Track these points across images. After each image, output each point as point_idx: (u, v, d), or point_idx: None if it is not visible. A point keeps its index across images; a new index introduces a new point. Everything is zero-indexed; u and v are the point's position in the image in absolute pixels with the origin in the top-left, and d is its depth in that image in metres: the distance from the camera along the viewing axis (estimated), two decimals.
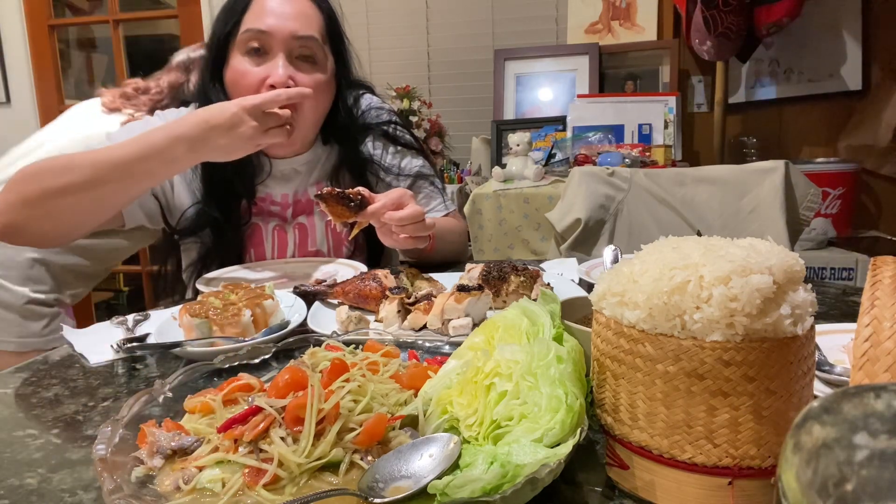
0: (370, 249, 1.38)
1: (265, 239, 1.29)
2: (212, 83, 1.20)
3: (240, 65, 1.15)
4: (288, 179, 1.30)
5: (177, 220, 1.25)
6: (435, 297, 0.86)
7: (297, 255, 1.31)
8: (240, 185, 1.23)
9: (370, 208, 1.03)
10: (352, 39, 1.30)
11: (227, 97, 1.16)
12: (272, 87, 1.10)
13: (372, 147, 1.35)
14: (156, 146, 1.00)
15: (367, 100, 1.36)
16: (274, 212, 1.30)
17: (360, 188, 1.05)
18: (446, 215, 1.39)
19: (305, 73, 1.15)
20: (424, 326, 0.85)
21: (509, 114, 2.86)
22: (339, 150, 1.31)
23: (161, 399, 0.58)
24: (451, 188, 2.72)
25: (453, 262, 1.34)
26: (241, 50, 1.15)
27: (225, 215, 1.23)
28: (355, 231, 1.11)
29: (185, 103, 1.31)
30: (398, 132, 1.37)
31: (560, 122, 2.63)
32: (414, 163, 1.38)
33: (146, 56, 3.93)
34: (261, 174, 1.27)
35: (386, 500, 0.44)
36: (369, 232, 1.36)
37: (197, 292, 1.07)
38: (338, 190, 1.03)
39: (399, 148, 1.37)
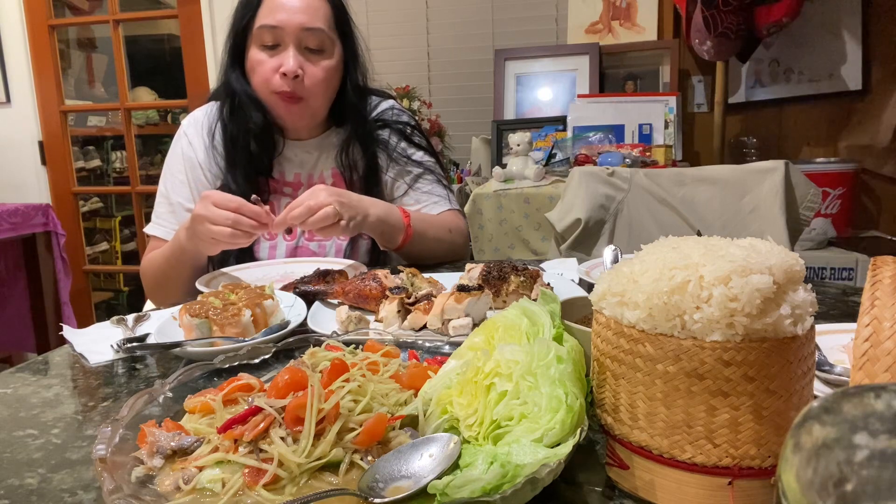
0: (372, 248, 1.39)
1: (277, 214, 1.36)
2: (232, 70, 1.32)
3: (256, 55, 1.27)
4: (301, 161, 1.39)
5: None
6: (435, 297, 0.86)
7: (306, 232, 1.37)
8: (261, 158, 1.33)
9: (275, 219, 1.10)
10: None
11: (247, 82, 1.30)
12: (284, 74, 1.23)
13: (388, 136, 1.42)
14: (178, 240, 1.20)
15: (388, 103, 1.46)
16: (286, 192, 1.38)
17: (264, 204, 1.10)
18: (443, 213, 1.40)
19: (314, 63, 1.27)
20: (424, 326, 0.85)
21: (509, 114, 2.85)
22: (349, 127, 1.38)
23: (161, 399, 0.58)
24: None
25: (452, 261, 1.35)
26: (257, 43, 1.26)
27: (244, 189, 1.30)
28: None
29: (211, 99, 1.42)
30: (415, 134, 1.45)
31: (560, 122, 2.63)
32: (425, 158, 1.43)
33: (146, 56, 3.95)
34: (274, 152, 1.36)
35: (386, 500, 0.44)
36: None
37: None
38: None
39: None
